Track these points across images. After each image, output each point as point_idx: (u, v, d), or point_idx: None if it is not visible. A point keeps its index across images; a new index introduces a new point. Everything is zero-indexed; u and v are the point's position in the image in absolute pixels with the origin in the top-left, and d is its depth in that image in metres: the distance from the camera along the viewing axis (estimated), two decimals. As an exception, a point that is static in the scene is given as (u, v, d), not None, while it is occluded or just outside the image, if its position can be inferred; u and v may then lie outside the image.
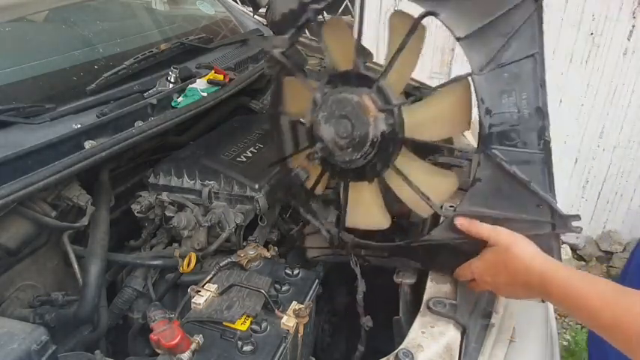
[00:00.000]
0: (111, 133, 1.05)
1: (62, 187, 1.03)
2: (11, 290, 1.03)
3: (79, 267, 1.04)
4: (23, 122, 0.97)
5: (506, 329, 0.91)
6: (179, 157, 1.24)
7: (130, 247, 1.23)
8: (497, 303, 0.96)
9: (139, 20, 1.68)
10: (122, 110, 1.09)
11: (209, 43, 1.50)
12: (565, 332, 2.49)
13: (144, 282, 1.13)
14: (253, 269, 0.98)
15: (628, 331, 0.64)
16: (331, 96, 0.90)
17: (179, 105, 1.20)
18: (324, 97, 0.92)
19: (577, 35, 2.61)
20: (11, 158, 0.88)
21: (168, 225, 1.14)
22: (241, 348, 0.78)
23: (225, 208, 1.15)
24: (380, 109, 0.87)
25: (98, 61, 1.28)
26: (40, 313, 1.00)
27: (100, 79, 1.15)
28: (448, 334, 0.85)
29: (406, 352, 0.80)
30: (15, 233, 0.97)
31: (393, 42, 0.87)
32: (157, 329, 0.72)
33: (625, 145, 2.70)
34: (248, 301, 0.86)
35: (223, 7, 1.84)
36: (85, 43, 1.36)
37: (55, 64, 1.23)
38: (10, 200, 0.85)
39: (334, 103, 0.89)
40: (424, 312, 0.90)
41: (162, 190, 1.18)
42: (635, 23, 2.49)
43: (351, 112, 0.87)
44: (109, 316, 1.07)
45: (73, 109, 1.06)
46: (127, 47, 1.39)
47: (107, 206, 1.12)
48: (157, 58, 1.29)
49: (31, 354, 0.62)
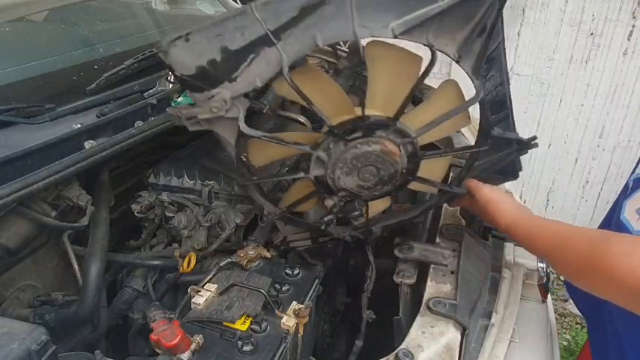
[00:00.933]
0: (111, 133, 1.05)
1: (62, 187, 1.03)
2: (11, 290, 1.03)
3: (79, 267, 1.04)
4: (23, 122, 0.97)
5: (506, 329, 0.91)
6: (179, 157, 1.24)
7: (130, 247, 1.23)
8: (498, 303, 0.96)
9: (139, 20, 1.68)
10: (122, 110, 1.09)
11: (209, 43, 1.50)
12: (565, 332, 2.49)
13: (144, 282, 1.13)
14: (253, 269, 0.98)
15: (575, 247, 0.75)
16: (346, 153, 0.85)
17: (179, 105, 1.20)
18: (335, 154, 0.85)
19: (577, 35, 2.61)
20: (11, 158, 0.88)
21: (168, 225, 1.14)
22: (241, 348, 0.78)
23: (225, 208, 1.15)
24: (402, 145, 0.86)
25: (98, 61, 1.28)
26: (40, 313, 1.00)
27: (100, 79, 1.15)
28: (448, 334, 0.85)
29: (406, 352, 0.80)
30: (15, 233, 0.97)
31: (382, 76, 0.82)
32: (157, 329, 0.72)
33: (625, 145, 2.70)
34: (248, 301, 0.86)
35: (223, 7, 1.84)
36: (85, 43, 1.36)
37: (55, 64, 1.23)
38: (10, 200, 0.85)
39: (354, 159, 0.85)
40: (424, 312, 0.90)
41: (162, 190, 1.18)
42: (635, 23, 2.49)
43: (375, 160, 0.86)
44: (109, 316, 1.07)
45: (73, 109, 1.06)
46: (127, 47, 1.39)
47: (107, 206, 1.12)
48: (157, 58, 1.29)
49: (31, 354, 0.62)
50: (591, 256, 0.71)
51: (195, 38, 0.71)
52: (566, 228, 0.83)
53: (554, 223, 0.87)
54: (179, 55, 0.73)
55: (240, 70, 0.75)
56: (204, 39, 0.72)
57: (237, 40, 0.72)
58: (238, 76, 0.75)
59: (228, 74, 0.75)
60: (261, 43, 0.72)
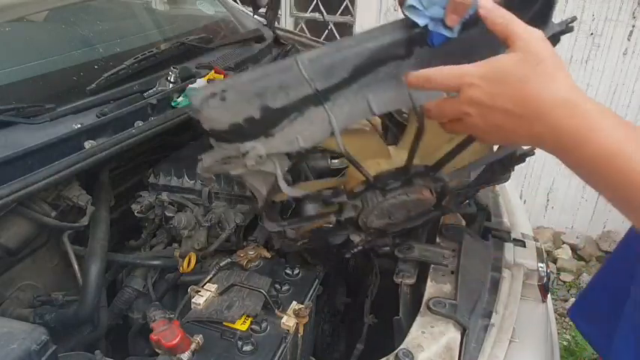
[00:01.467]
0: (111, 133, 1.05)
1: (62, 187, 1.02)
2: (11, 290, 1.03)
3: (79, 267, 1.04)
4: (23, 122, 0.97)
5: (506, 329, 0.91)
6: (179, 157, 1.24)
7: (130, 247, 1.23)
8: (498, 303, 0.96)
9: (138, 20, 1.68)
10: (122, 110, 1.09)
11: (209, 43, 1.50)
12: (565, 332, 2.49)
13: (144, 282, 1.13)
14: (253, 269, 0.98)
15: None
16: (383, 203, 0.84)
17: (179, 105, 1.20)
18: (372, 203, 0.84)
19: (577, 35, 2.61)
20: (11, 158, 0.88)
21: (168, 225, 1.14)
22: (241, 348, 0.78)
23: (225, 208, 1.15)
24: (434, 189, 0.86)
25: (98, 61, 1.28)
26: (40, 313, 1.00)
27: (100, 79, 1.15)
28: (448, 334, 0.85)
29: (406, 352, 0.80)
30: (15, 233, 0.97)
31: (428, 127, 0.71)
32: (157, 329, 0.72)
33: (625, 145, 2.70)
34: (248, 301, 0.86)
35: (223, 7, 1.84)
36: (85, 43, 1.36)
37: (55, 64, 1.23)
38: (10, 200, 0.85)
39: (391, 207, 0.85)
40: (424, 312, 0.90)
41: (163, 190, 1.17)
42: (635, 23, 2.49)
43: (409, 205, 0.86)
44: (109, 316, 1.07)
45: (73, 109, 1.06)
46: (126, 47, 1.38)
47: (107, 206, 1.12)
48: (157, 58, 1.29)
49: (31, 354, 0.62)
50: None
51: (231, 97, 0.64)
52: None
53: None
54: (212, 114, 0.65)
55: (280, 127, 0.67)
56: (243, 98, 0.64)
57: (281, 99, 0.64)
58: (277, 132, 0.67)
59: (265, 130, 0.67)
60: (307, 102, 0.65)
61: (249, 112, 0.65)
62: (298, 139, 0.67)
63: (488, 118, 0.54)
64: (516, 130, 0.54)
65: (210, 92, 0.64)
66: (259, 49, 1.57)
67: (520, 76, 0.51)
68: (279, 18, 3.30)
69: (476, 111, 0.54)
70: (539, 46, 0.52)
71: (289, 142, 0.67)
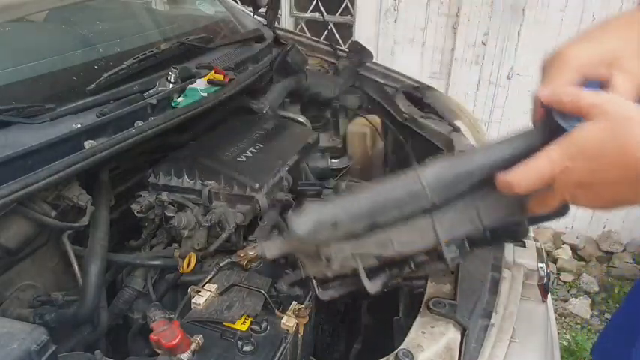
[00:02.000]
0: (111, 133, 1.05)
1: (62, 187, 1.02)
2: (11, 290, 1.03)
3: (79, 267, 1.04)
4: (23, 122, 0.97)
5: (506, 329, 0.91)
6: (179, 157, 1.24)
7: (130, 247, 1.23)
8: (498, 303, 0.96)
9: (138, 20, 1.68)
10: (122, 110, 1.09)
11: (209, 43, 1.50)
12: (565, 332, 2.49)
13: (144, 282, 1.13)
14: (253, 269, 0.98)
15: None
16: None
17: (179, 105, 1.20)
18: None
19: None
20: (11, 158, 0.88)
21: (169, 225, 1.14)
22: (241, 348, 0.78)
23: (225, 208, 1.15)
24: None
25: (98, 61, 1.28)
26: (40, 313, 1.00)
27: (100, 79, 1.15)
28: (448, 334, 0.85)
29: (406, 352, 0.80)
30: (15, 233, 0.97)
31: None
32: (157, 329, 0.72)
33: (625, 145, 2.70)
34: (248, 301, 0.86)
35: (223, 7, 1.84)
36: (85, 43, 1.36)
37: (55, 64, 1.22)
38: (10, 200, 0.85)
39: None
40: (424, 312, 0.90)
41: (163, 190, 1.18)
42: (635, 23, 2.49)
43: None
44: (109, 316, 1.07)
45: (73, 109, 1.06)
46: (127, 47, 1.38)
47: (107, 206, 1.12)
48: (157, 58, 1.29)
49: (31, 354, 0.62)
50: None
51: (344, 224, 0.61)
52: None
53: None
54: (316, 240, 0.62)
55: (376, 232, 0.64)
56: (354, 222, 0.61)
57: (393, 214, 0.62)
58: (371, 236, 0.64)
59: (356, 234, 0.63)
60: (417, 214, 0.63)
61: (352, 229, 0.62)
62: (393, 242, 0.64)
63: (600, 194, 0.54)
64: (631, 196, 0.53)
65: (319, 220, 0.60)
66: (259, 49, 1.58)
67: (611, 142, 0.50)
68: (279, 18, 3.30)
69: (582, 192, 0.54)
70: (616, 105, 0.52)
71: (382, 244, 0.64)
